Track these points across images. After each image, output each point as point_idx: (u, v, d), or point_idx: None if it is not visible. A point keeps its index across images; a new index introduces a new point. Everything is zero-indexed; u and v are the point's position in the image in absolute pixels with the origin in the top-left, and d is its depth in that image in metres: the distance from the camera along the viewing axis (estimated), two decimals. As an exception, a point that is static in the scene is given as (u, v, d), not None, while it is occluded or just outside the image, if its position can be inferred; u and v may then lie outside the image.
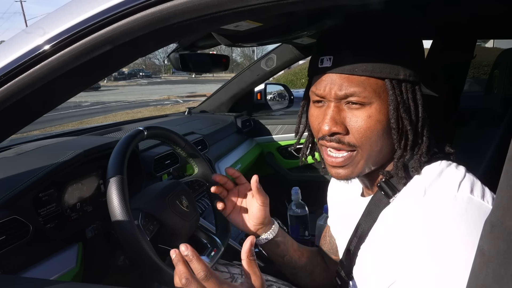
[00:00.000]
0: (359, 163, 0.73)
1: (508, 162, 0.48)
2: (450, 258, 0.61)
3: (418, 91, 0.72)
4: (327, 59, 0.71)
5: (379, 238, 0.73)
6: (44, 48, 0.61)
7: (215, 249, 1.10)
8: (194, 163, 1.23)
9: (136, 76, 45.27)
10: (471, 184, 0.67)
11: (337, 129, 0.70)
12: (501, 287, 0.42)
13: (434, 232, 0.63)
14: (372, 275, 0.73)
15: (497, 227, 0.46)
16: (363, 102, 0.69)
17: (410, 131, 0.71)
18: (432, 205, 0.66)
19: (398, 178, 0.72)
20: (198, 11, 0.58)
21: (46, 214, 1.02)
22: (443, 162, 0.72)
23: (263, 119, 2.47)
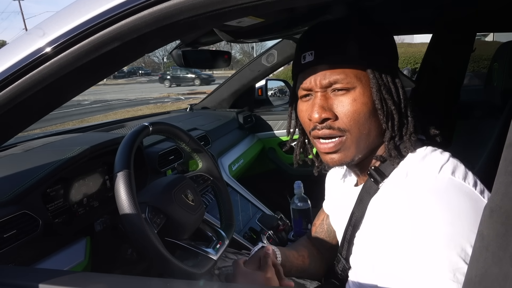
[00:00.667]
0: (351, 147, 0.76)
1: (507, 149, 0.50)
2: (430, 233, 0.63)
3: (395, 75, 0.77)
4: (309, 54, 0.76)
5: (369, 225, 0.76)
6: (53, 46, 0.62)
7: (220, 242, 1.12)
8: (198, 158, 1.25)
9: (136, 74, 45.22)
10: (453, 167, 0.70)
11: (326, 115, 0.74)
12: (500, 268, 0.44)
13: (415, 209, 0.65)
14: (366, 262, 0.76)
15: (496, 211, 0.48)
16: (347, 87, 0.74)
17: (395, 111, 0.75)
18: (413, 185, 0.69)
19: (392, 159, 0.75)
20: (203, 8, 0.60)
21: (54, 209, 1.04)
22: (428, 147, 0.75)
23: (265, 115, 2.48)
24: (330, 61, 0.75)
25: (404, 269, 0.64)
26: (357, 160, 0.79)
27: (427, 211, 0.64)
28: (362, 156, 0.79)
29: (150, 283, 0.65)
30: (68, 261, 0.99)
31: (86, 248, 1.05)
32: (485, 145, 1.37)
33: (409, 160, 0.74)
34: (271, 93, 2.91)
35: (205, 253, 1.04)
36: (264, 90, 2.54)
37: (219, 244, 1.11)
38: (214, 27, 1.01)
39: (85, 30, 0.61)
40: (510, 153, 0.49)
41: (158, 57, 61.73)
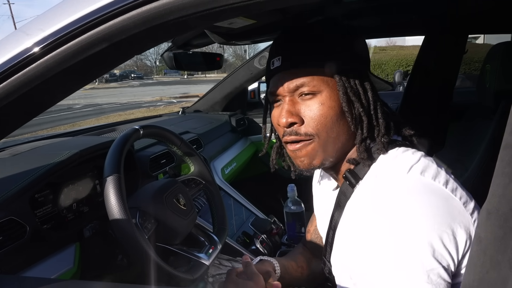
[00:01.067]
0: (318, 151, 0.76)
1: (503, 151, 0.49)
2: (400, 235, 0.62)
3: (365, 78, 0.77)
4: (277, 59, 0.78)
5: (345, 228, 0.76)
6: (40, 46, 0.60)
7: (213, 247, 1.10)
8: (190, 161, 1.23)
9: (128, 78, 45.04)
10: (423, 167, 0.69)
11: (292, 119, 0.75)
12: (499, 273, 0.43)
13: (383, 211, 0.65)
14: (343, 265, 0.76)
15: (493, 214, 0.47)
16: (313, 91, 0.74)
17: (363, 113, 0.75)
18: (381, 186, 0.69)
19: (363, 161, 0.75)
20: (194, 7, 0.59)
21: (42, 215, 1.01)
22: (400, 148, 0.74)
23: (257, 118, 2.47)
24: (296, 65, 0.76)
25: (376, 274, 0.64)
26: (330, 163, 0.79)
27: (395, 212, 0.63)
28: (334, 160, 0.79)
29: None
30: (56, 268, 0.97)
31: (75, 254, 1.02)
32: (479, 146, 1.38)
33: (380, 161, 0.74)
34: (263, 96, 2.89)
35: (197, 258, 1.02)
36: (257, 92, 2.52)
37: (211, 249, 1.09)
38: (205, 27, 1.00)
39: (72, 30, 0.59)
40: (506, 155, 0.48)
41: (151, 60, 61.60)
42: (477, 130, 1.53)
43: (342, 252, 0.75)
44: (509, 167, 0.47)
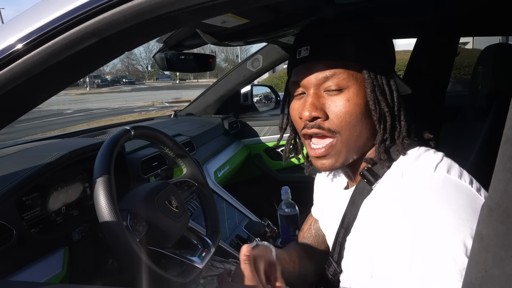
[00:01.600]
0: (341, 151, 0.74)
1: (503, 145, 0.48)
2: (433, 233, 0.60)
3: (391, 78, 0.75)
4: (304, 49, 0.74)
5: (363, 227, 0.74)
6: (25, 42, 0.58)
7: (206, 250, 1.08)
8: (182, 163, 1.21)
9: (119, 83, 44.84)
10: (448, 166, 0.69)
11: (316, 114, 0.72)
12: (503, 270, 0.42)
13: (413, 209, 0.63)
14: (359, 265, 0.73)
15: (495, 210, 0.45)
16: (340, 87, 0.72)
17: (388, 113, 0.73)
18: (409, 184, 0.67)
19: (382, 162, 0.73)
20: (186, 1, 0.57)
21: (30, 219, 0.98)
22: (421, 147, 0.74)
23: (250, 121, 2.46)
24: (325, 57, 0.73)
25: (408, 272, 0.61)
26: (348, 163, 0.77)
27: (426, 210, 0.62)
28: (353, 160, 0.77)
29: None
30: (45, 272, 0.94)
31: (64, 258, 0.99)
32: (472, 147, 1.37)
33: (403, 160, 0.72)
34: (256, 99, 2.88)
35: (190, 262, 1.00)
36: (250, 95, 2.51)
37: (204, 252, 1.07)
38: (197, 22, 0.98)
39: (60, 25, 0.57)
40: (507, 150, 0.47)
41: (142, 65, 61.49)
42: (469, 131, 1.54)
43: (361, 251, 0.73)
44: (510, 162, 0.46)
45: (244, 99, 2.54)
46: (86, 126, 10.89)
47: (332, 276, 0.87)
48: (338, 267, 0.83)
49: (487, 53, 1.47)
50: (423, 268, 0.59)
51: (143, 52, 59.26)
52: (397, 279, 0.62)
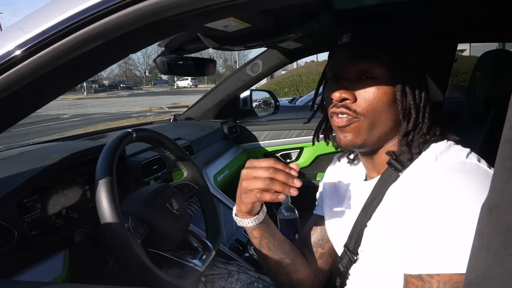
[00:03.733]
0: (361, 130, 0.78)
1: (502, 146, 0.49)
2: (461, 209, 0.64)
3: (423, 78, 0.79)
4: (346, 36, 0.80)
5: (389, 210, 0.77)
6: (33, 43, 0.59)
7: (207, 253, 1.08)
8: (183, 166, 1.22)
9: (117, 88, 44.85)
10: (478, 157, 0.74)
11: (346, 95, 0.77)
12: (503, 267, 0.42)
13: (445, 187, 0.67)
14: (383, 247, 0.76)
15: (495, 209, 0.46)
16: (373, 75, 0.77)
17: (413, 107, 0.76)
18: (443, 166, 0.72)
19: (403, 155, 0.77)
20: (191, 5, 0.58)
21: (30, 221, 0.99)
22: (450, 141, 0.78)
23: (250, 126, 2.47)
24: (364, 46, 0.78)
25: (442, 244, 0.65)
26: (369, 147, 0.81)
27: (459, 188, 0.66)
28: (374, 145, 0.81)
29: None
30: (45, 274, 0.94)
31: (65, 261, 0.99)
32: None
33: (435, 148, 0.76)
34: (255, 104, 2.89)
35: (191, 264, 1.00)
36: (249, 100, 2.52)
37: (205, 255, 1.07)
38: (201, 25, 0.99)
39: (67, 26, 0.58)
40: (506, 150, 0.48)
41: (140, 71, 61.54)
42: (468, 136, 1.55)
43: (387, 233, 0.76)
44: (509, 162, 0.46)
45: (243, 104, 2.55)
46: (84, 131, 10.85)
47: (345, 267, 0.89)
48: (353, 256, 0.86)
49: (485, 59, 1.49)
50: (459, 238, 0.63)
51: (141, 58, 59.39)
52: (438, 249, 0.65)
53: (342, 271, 0.90)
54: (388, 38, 0.78)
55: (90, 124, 13.28)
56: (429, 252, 0.66)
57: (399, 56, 0.77)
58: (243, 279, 1.12)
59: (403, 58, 0.77)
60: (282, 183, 0.76)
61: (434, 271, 0.65)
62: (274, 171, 0.76)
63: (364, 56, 0.77)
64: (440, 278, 0.64)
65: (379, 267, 0.79)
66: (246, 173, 0.80)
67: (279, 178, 0.76)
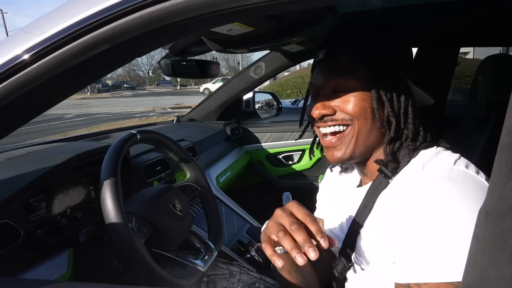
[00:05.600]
0: (351, 141, 0.79)
1: (499, 152, 0.50)
2: (447, 218, 0.64)
3: (402, 82, 0.79)
4: (321, 52, 0.82)
5: (380, 217, 0.77)
6: (42, 46, 0.61)
7: (209, 253, 1.10)
8: (186, 167, 1.23)
9: (120, 88, 44.93)
10: (466, 163, 0.73)
11: (325, 111, 0.79)
12: (499, 270, 0.44)
13: (432, 196, 0.67)
14: (377, 254, 0.76)
15: (491, 214, 0.47)
16: (347, 88, 0.78)
17: (391, 114, 0.77)
18: (430, 174, 0.71)
19: (389, 163, 0.77)
20: (196, 11, 0.59)
21: (36, 220, 1.00)
22: (439, 147, 0.78)
23: (252, 127, 2.48)
24: (338, 60, 0.79)
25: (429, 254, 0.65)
26: (356, 158, 0.81)
27: (445, 200, 0.66)
28: (362, 155, 0.81)
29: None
30: (50, 273, 0.95)
31: (69, 260, 1.01)
32: (471, 156, 1.39)
33: (423, 155, 0.76)
34: (258, 106, 2.90)
35: (193, 265, 1.02)
36: (252, 102, 2.53)
37: (207, 256, 1.08)
38: (205, 30, 1.01)
39: (76, 31, 0.60)
40: (503, 156, 0.49)
41: (143, 71, 61.62)
42: (470, 140, 1.56)
43: (380, 240, 0.75)
44: (506, 168, 0.48)
45: (246, 105, 2.56)
46: (87, 130, 10.90)
47: (340, 273, 0.89)
48: (347, 263, 0.86)
49: (487, 63, 1.50)
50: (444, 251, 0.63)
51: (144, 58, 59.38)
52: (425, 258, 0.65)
53: (337, 276, 0.90)
54: (360, 51, 0.78)
55: (94, 124, 13.32)
56: (416, 261, 0.66)
57: (373, 66, 0.78)
58: (244, 280, 1.13)
59: (377, 67, 0.77)
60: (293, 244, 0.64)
61: (421, 280, 0.65)
62: (296, 228, 0.65)
63: (338, 71, 0.78)
64: (427, 287, 0.64)
65: (372, 275, 0.79)
66: (277, 214, 0.71)
67: (296, 237, 0.64)
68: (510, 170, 0.46)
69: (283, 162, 2.46)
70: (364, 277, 0.81)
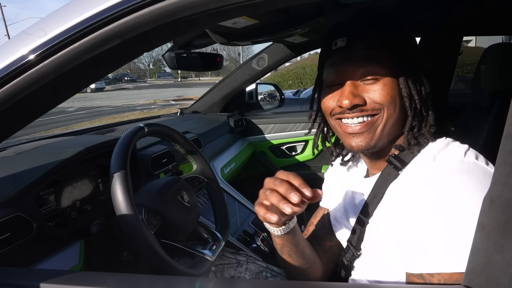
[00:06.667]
0: (378, 128, 0.79)
1: (504, 141, 0.51)
2: (459, 210, 0.65)
3: (421, 72, 0.80)
4: (341, 40, 0.79)
5: (389, 208, 0.78)
6: (55, 42, 0.62)
7: (216, 243, 1.12)
8: (192, 159, 1.24)
9: (121, 81, 44.90)
10: (476, 154, 0.75)
11: (357, 101, 0.77)
12: (503, 256, 0.45)
13: (444, 188, 0.68)
14: (385, 243, 0.78)
15: (496, 201, 0.49)
16: (376, 76, 0.77)
17: (418, 101, 0.78)
18: (442, 166, 0.73)
19: (411, 147, 0.78)
20: (204, 5, 0.60)
21: (47, 213, 1.02)
22: (448, 138, 0.79)
23: (255, 119, 2.49)
24: (362, 47, 0.77)
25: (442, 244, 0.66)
26: (378, 147, 0.81)
27: (456, 191, 0.67)
28: (382, 145, 0.82)
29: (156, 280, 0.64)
30: (62, 264, 0.98)
31: (81, 251, 1.03)
32: (475, 145, 1.40)
33: (433, 146, 0.77)
34: (261, 97, 2.91)
35: (202, 254, 1.04)
36: (255, 93, 2.54)
37: (215, 246, 1.10)
38: (213, 25, 1.02)
39: (87, 27, 0.61)
40: (508, 145, 0.50)
41: (144, 63, 61.50)
42: (472, 129, 1.56)
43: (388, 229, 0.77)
44: (510, 156, 0.49)
45: (249, 97, 2.57)
46: (89, 124, 10.91)
47: (349, 261, 0.91)
48: (356, 252, 0.87)
49: (490, 52, 1.50)
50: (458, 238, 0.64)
51: (145, 50, 59.08)
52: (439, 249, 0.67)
53: (346, 264, 0.92)
54: (385, 38, 0.78)
55: (96, 117, 13.34)
56: (430, 251, 0.68)
57: (398, 53, 0.78)
58: (251, 269, 1.15)
59: (401, 54, 0.78)
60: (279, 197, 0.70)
61: (435, 270, 0.67)
62: (279, 183, 0.71)
63: (365, 58, 0.77)
64: (441, 277, 0.66)
65: (382, 263, 0.80)
66: (265, 182, 0.76)
67: (279, 190, 0.70)
68: (514, 158, 0.48)
69: (287, 153, 2.48)
70: (372, 266, 0.83)
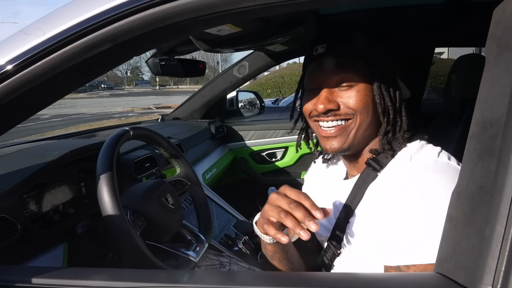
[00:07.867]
0: (351, 132, 0.83)
1: (469, 140, 0.56)
2: (435, 206, 0.69)
3: (394, 79, 0.85)
4: (321, 47, 0.84)
5: (369, 207, 0.82)
6: (47, 45, 0.64)
7: (200, 245, 1.14)
8: (176, 163, 1.27)
9: (98, 88, 44.16)
10: (448, 155, 0.81)
11: (331, 106, 0.82)
12: (468, 242, 0.50)
13: (421, 186, 0.73)
14: (365, 242, 0.82)
15: (462, 194, 0.54)
16: (350, 83, 0.82)
17: (391, 107, 0.83)
18: (418, 166, 0.78)
19: (385, 152, 0.83)
20: (194, 13, 0.64)
21: (30, 215, 1.02)
22: (422, 141, 0.84)
23: (236, 125, 2.52)
24: (339, 55, 0.82)
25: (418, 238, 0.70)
26: (352, 150, 0.86)
27: (431, 188, 0.72)
28: (357, 147, 0.86)
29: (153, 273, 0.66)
30: (46, 266, 0.98)
31: (64, 253, 1.03)
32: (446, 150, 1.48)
33: (409, 148, 0.82)
34: (241, 105, 2.95)
35: (186, 256, 1.06)
36: (235, 101, 2.58)
37: (198, 247, 1.13)
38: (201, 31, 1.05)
39: (79, 31, 0.63)
40: (472, 143, 0.55)
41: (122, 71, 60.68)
42: (444, 135, 1.64)
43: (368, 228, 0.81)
44: (475, 154, 0.54)
45: (230, 104, 2.61)
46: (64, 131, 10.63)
47: (329, 260, 0.94)
48: (336, 251, 0.91)
49: (460, 62, 1.59)
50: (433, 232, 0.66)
51: (122, 58, 58.27)
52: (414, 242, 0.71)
53: (326, 263, 0.96)
54: (361, 46, 0.82)
55: (71, 124, 13.05)
56: (406, 245, 0.72)
57: (373, 62, 0.83)
58: (234, 270, 1.18)
59: (376, 62, 0.83)
60: (295, 222, 0.70)
61: (411, 262, 0.71)
62: (295, 206, 0.71)
63: (342, 65, 0.82)
64: (416, 268, 0.71)
65: (361, 260, 0.84)
66: (272, 197, 0.76)
67: (296, 215, 0.70)
68: (478, 155, 0.53)
69: (267, 159, 2.52)
70: (352, 263, 0.86)
